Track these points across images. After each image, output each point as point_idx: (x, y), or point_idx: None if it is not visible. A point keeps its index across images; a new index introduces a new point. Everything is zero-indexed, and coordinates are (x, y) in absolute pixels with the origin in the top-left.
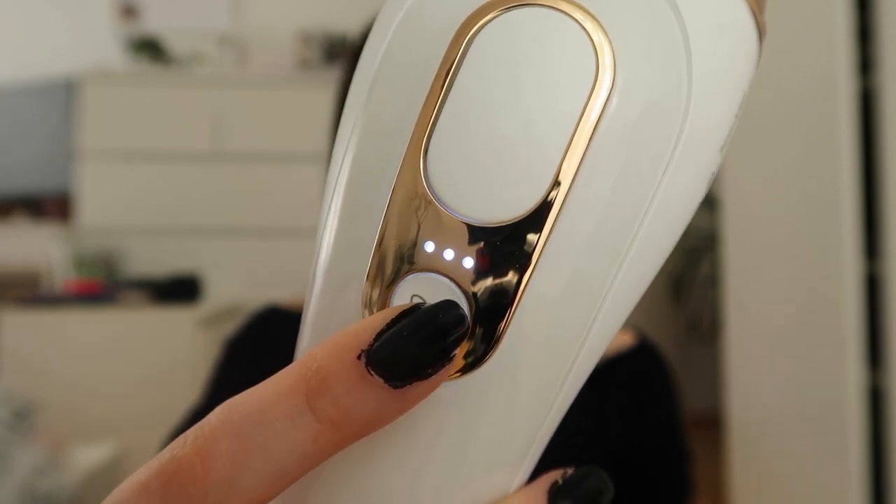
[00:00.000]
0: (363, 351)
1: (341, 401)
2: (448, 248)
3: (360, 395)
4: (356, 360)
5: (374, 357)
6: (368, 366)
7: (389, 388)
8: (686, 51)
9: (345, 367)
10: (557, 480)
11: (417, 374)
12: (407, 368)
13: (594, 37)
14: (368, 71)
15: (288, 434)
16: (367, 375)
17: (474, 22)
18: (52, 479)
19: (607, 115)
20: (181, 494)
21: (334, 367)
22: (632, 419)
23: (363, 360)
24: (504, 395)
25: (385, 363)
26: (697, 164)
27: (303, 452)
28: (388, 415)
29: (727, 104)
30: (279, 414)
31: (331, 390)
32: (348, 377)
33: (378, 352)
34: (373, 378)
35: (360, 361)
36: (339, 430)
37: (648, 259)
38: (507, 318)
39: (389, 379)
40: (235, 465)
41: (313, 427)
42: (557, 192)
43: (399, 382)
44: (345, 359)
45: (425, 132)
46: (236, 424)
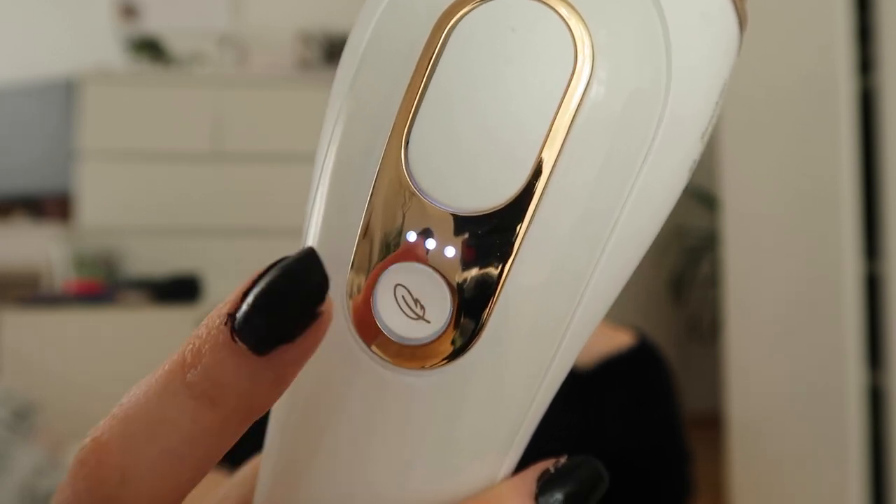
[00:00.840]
0: (229, 315)
1: (210, 372)
2: (430, 237)
3: (228, 364)
4: (222, 326)
5: (238, 322)
6: (233, 332)
7: (255, 356)
8: (665, 39)
9: (212, 335)
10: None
11: (282, 337)
12: (269, 331)
13: (572, 26)
14: (353, 58)
15: (167, 414)
16: (230, 342)
17: (455, 11)
18: (52, 479)
19: (586, 103)
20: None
21: (204, 336)
22: (632, 419)
23: (229, 325)
24: (489, 381)
25: (247, 327)
26: (678, 152)
27: (184, 432)
28: (263, 386)
29: (707, 92)
30: (160, 393)
31: (201, 362)
32: (215, 346)
33: (242, 316)
34: (237, 345)
35: (226, 327)
36: (215, 405)
37: (630, 246)
38: (490, 305)
39: (255, 345)
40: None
41: (189, 404)
42: (538, 180)
43: (264, 348)
44: (212, 326)
45: (407, 121)
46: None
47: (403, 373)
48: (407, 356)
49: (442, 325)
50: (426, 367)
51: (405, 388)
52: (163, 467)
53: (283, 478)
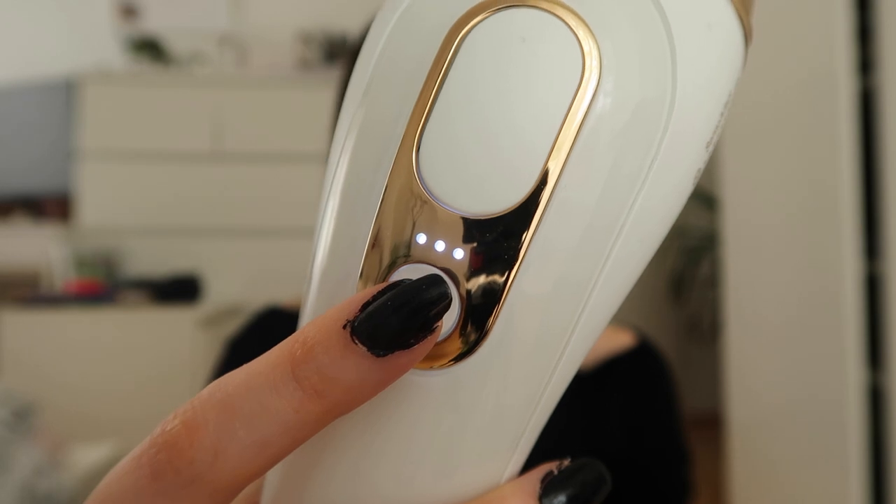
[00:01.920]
0: (348, 321)
1: (325, 369)
2: (439, 239)
3: (344, 363)
4: (341, 330)
5: (358, 326)
6: (353, 335)
7: (372, 357)
8: (671, 51)
9: (330, 337)
10: (552, 471)
11: (400, 344)
12: (390, 338)
13: (581, 37)
14: (365, 71)
15: (271, 403)
16: (350, 344)
17: (465, 23)
18: (52, 479)
19: (593, 112)
20: (168, 465)
21: (320, 337)
22: (631, 419)
23: (348, 329)
24: (494, 384)
25: (369, 332)
26: (682, 162)
27: (285, 422)
28: (370, 385)
29: (712, 104)
30: (264, 383)
31: (315, 359)
32: (333, 346)
33: (363, 322)
34: (357, 346)
35: (346, 331)
36: (321, 399)
37: (635, 254)
38: (497, 307)
39: (373, 347)
40: (220, 435)
41: (296, 395)
42: (543, 189)
43: (382, 351)
44: (330, 329)
45: (417, 129)
46: (223, 395)
47: (411, 372)
48: None
49: (449, 327)
50: (433, 367)
51: (412, 389)
52: (253, 453)
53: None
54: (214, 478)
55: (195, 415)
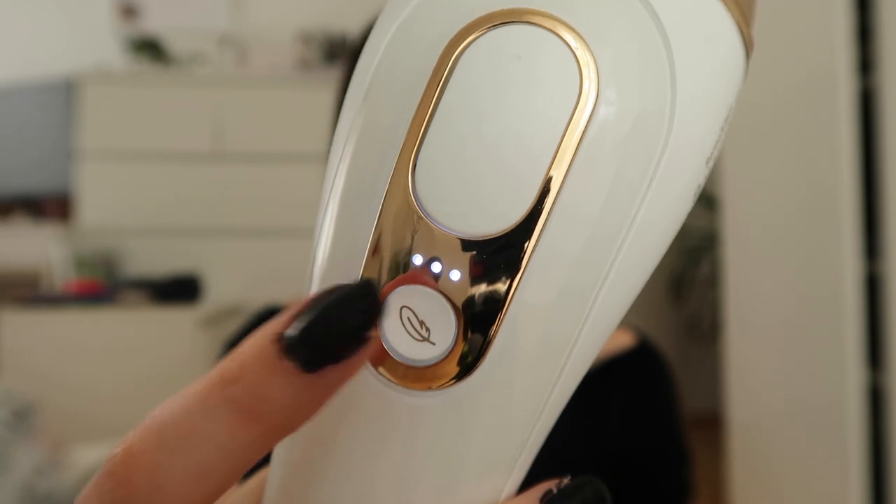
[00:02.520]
0: (277, 335)
1: (256, 387)
2: (436, 260)
3: (274, 381)
4: (271, 345)
5: (288, 341)
6: (283, 351)
7: (303, 373)
8: (669, 64)
9: (260, 353)
10: (551, 489)
11: (331, 358)
12: (319, 351)
13: (578, 52)
14: (362, 82)
15: (206, 427)
16: (279, 360)
17: (462, 39)
18: (52, 479)
19: (592, 128)
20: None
21: (250, 353)
22: (631, 420)
23: (278, 344)
24: (493, 402)
25: (296, 345)
26: (682, 176)
27: (222, 447)
28: (305, 404)
29: (712, 118)
30: (198, 406)
31: (246, 378)
32: (262, 363)
33: (293, 336)
34: (285, 362)
35: (275, 346)
36: (256, 421)
37: (637, 266)
38: (495, 327)
39: (303, 363)
40: (160, 462)
41: (230, 419)
42: (546, 199)
43: (313, 367)
44: (262, 344)
45: (414, 146)
46: (162, 419)
47: (409, 393)
48: (412, 377)
49: (447, 348)
50: (432, 388)
51: (410, 409)
52: (193, 480)
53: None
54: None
55: (134, 441)
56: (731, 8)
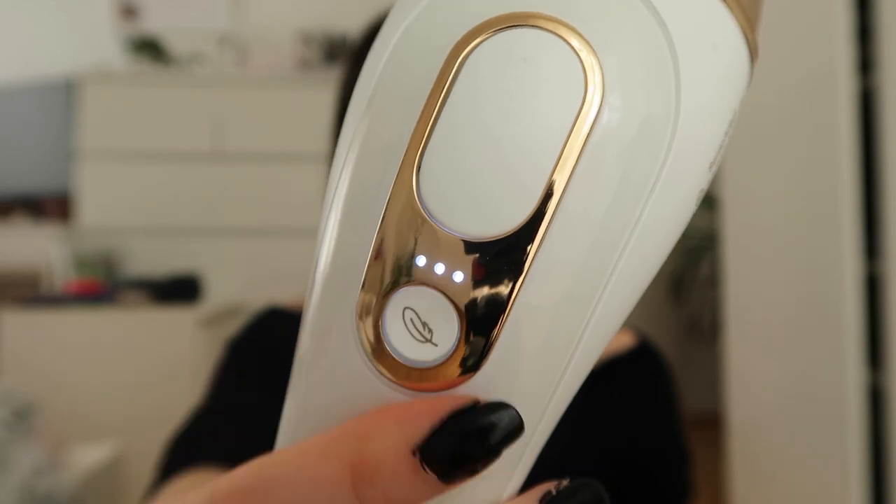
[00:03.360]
0: (417, 446)
1: (391, 492)
2: (439, 262)
3: (411, 488)
4: (411, 457)
5: (430, 455)
6: (423, 462)
7: (440, 483)
8: (674, 70)
9: (399, 462)
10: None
11: (469, 472)
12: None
13: (583, 56)
14: (368, 85)
15: None
16: (421, 472)
17: (468, 42)
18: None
19: (597, 128)
20: None
21: (387, 460)
22: (631, 420)
23: (418, 457)
24: None
25: (441, 462)
26: (685, 182)
27: None
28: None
29: (716, 123)
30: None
31: (382, 483)
32: (402, 472)
33: (435, 450)
34: (427, 475)
35: (416, 458)
36: None
37: (639, 271)
38: (497, 329)
39: (442, 475)
40: None
41: None
42: (549, 202)
43: (453, 479)
44: (399, 454)
45: (419, 148)
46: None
47: (411, 394)
48: (415, 378)
49: (449, 349)
50: (434, 389)
51: None
52: None
53: None
54: None
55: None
56: (736, 14)
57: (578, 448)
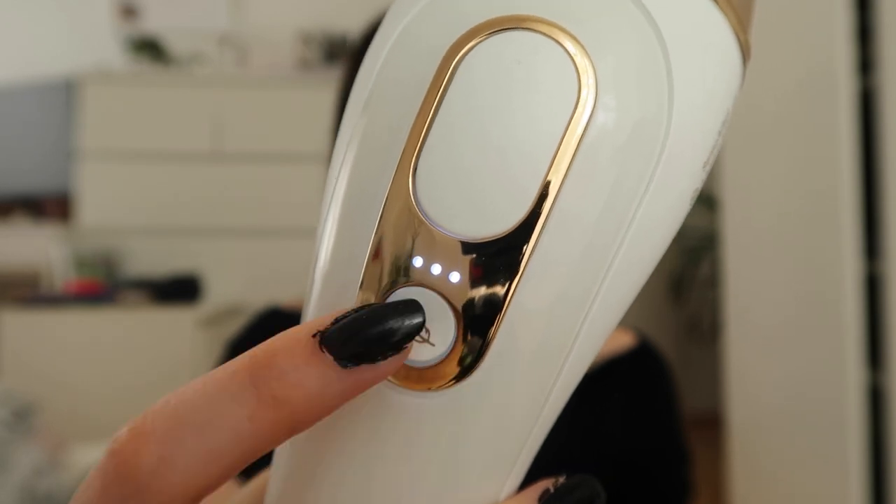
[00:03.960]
0: (319, 331)
1: (286, 375)
2: (436, 262)
3: (307, 370)
4: (310, 338)
5: (328, 336)
6: (322, 343)
7: (337, 367)
8: (667, 71)
9: (297, 344)
10: (549, 488)
11: (367, 358)
12: (358, 350)
13: (576, 59)
14: (365, 86)
15: (224, 410)
16: (317, 351)
17: (463, 45)
18: (52, 479)
19: (589, 134)
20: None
21: (285, 343)
22: (631, 420)
23: (317, 337)
24: (493, 403)
25: (338, 342)
26: (679, 181)
27: (237, 430)
28: (331, 396)
29: (710, 124)
30: (220, 390)
31: (277, 364)
32: (298, 352)
33: (333, 332)
34: (323, 354)
35: (314, 339)
36: (277, 407)
37: (634, 270)
38: (493, 328)
39: (339, 357)
40: (167, 443)
41: (251, 402)
42: (544, 202)
43: (348, 362)
44: (298, 336)
45: (415, 150)
46: (177, 402)
47: (409, 394)
48: (413, 378)
49: (446, 349)
50: (431, 388)
51: (411, 410)
52: (201, 462)
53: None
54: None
55: (144, 422)
56: (728, 16)
57: (577, 448)
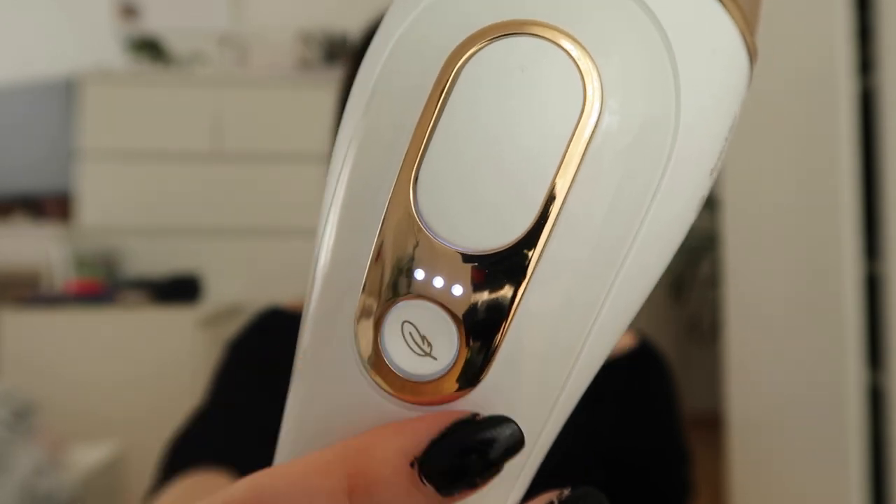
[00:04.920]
0: (416, 459)
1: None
2: (438, 275)
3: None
4: (409, 469)
5: (428, 468)
6: (422, 475)
7: (439, 496)
8: (674, 75)
9: (396, 475)
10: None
11: (468, 485)
12: (460, 480)
13: (581, 63)
14: (364, 91)
15: None
16: (419, 484)
17: (464, 50)
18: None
19: (596, 138)
20: None
21: (384, 472)
22: (631, 421)
23: (416, 469)
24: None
25: (439, 473)
26: (687, 187)
27: None
28: None
29: (717, 128)
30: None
31: (379, 494)
32: (399, 484)
33: (433, 463)
34: (425, 488)
35: (413, 470)
36: None
37: (641, 277)
38: (497, 341)
39: (441, 489)
40: None
41: None
42: (551, 207)
43: (452, 492)
44: (397, 466)
45: (416, 159)
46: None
47: (410, 408)
48: (416, 392)
49: (448, 363)
50: (433, 402)
51: None
52: None
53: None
54: None
55: None
56: (735, 18)
57: (578, 449)
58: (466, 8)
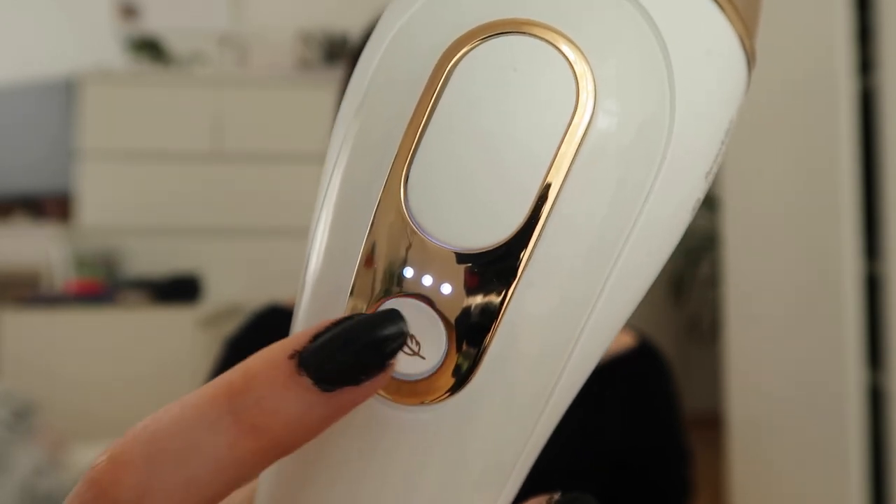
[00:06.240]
0: (296, 352)
1: (264, 401)
2: (427, 273)
3: (286, 394)
4: (287, 360)
5: (306, 358)
6: (300, 366)
7: (317, 391)
8: (668, 76)
9: (273, 368)
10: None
11: (349, 380)
12: (338, 372)
13: (574, 63)
14: (358, 90)
15: (203, 438)
16: (295, 375)
17: (457, 50)
18: (52, 479)
19: (589, 138)
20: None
21: (262, 368)
22: (631, 420)
23: (295, 360)
24: (487, 416)
25: (316, 364)
26: (681, 190)
27: (217, 459)
28: (312, 421)
29: (712, 131)
30: (197, 417)
31: (255, 390)
32: (276, 377)
33: (311, 353)
34: (301, 378)
35: (292, 361)
36: (258, 435)
37: (634, 278)
38: (486, 341)
39: (319, 381)
40: (147, 473)
41: (231, 430)
42: (543, 205)
43: (329, 386)
44: (275, 359)
45: (407, 158)
46: (155, 429)
47: (400, 408)
48: (405, 392)
49: (437, 362)
50: (423, 402)
51: (401, 424)
52: (181, 492)
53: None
54: None
55: (123, 450)
56: (733, 21)
57: (577, 448)
58: (460, 7)
